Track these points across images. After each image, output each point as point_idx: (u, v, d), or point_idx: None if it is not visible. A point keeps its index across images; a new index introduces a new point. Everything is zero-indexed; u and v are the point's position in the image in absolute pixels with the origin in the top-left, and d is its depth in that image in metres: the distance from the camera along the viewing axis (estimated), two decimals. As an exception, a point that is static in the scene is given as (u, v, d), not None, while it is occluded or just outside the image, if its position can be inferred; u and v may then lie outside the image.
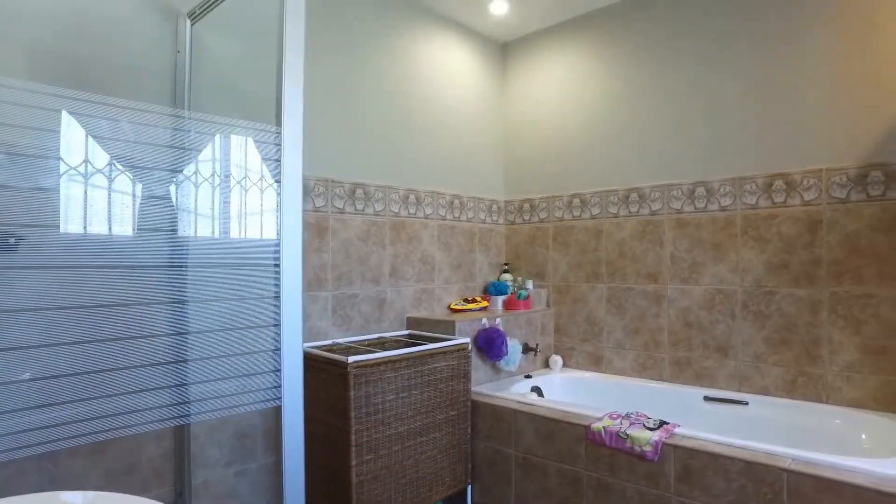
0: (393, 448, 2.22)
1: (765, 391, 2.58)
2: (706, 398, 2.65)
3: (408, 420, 2.28)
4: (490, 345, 2.78)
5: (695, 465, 1.93)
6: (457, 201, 3.29)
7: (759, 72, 2.62)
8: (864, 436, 2.22)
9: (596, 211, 3.18)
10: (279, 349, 1.34)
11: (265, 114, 1.46)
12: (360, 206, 2.76)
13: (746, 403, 2.54)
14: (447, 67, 3.30)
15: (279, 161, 1.35)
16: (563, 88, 3.36)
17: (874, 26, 2.33)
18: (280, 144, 1.34)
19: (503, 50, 3.69)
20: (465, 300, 3.22)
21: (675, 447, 1.98)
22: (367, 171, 2.82)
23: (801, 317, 2.48)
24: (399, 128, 3.00)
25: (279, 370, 1.35)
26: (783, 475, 1.76)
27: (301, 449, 1.39)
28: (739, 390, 2.65)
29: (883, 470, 1.69)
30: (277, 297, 1.33)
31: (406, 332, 2.88)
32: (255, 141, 1.70)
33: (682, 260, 2.84)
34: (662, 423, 2.14)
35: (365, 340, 2.65)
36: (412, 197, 3.02)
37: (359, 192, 2.75)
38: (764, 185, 2.59)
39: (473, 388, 2.74)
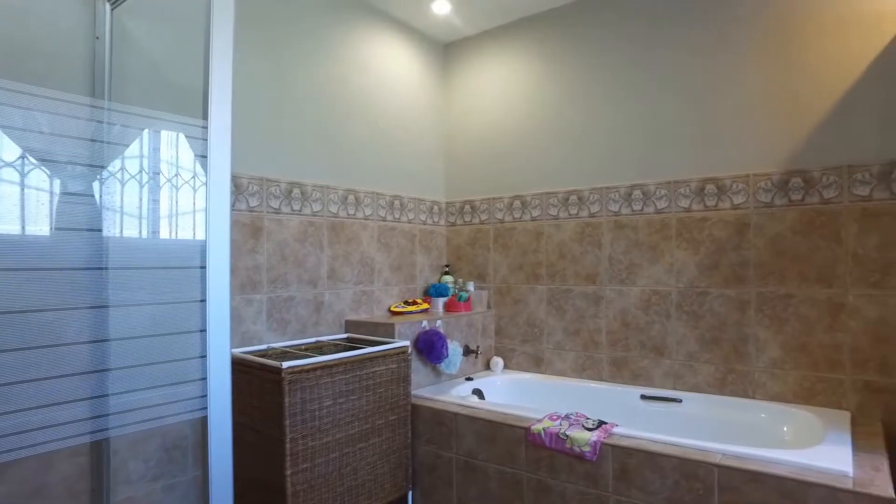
0: (330, 456, 2.15)
1: (697, 388, 2.67)
2: (643, 397, 2.72)
3: (346, 426, 2.21)
4: (430, 347, 2.75)
5: (632, 463, 1.97)
6: (397, 202, 3.25)
7: (693, 80, 2.71)
8: (785, 428, 2.33)
9: (536, 213, 3.21)
10: (206, 356, 1.26)
11: (192, 107, 1.37)
12: (296, 207, 2.67)
13: (680, 401, 2.62)
14: (388, 67, 3.25)
15: (206, 157, 1.26)
16: (504, 90, 3.38)
17: (795, 42, 2.46)
18: (207, 139, 1.25)
19: (445, 51, 3.67)
20: (406, 302, 3.17)
21: (613, 447, 2.01)
22: (304, 170, 2.73)
23: (731, 316, 2.58)
24: (339, 127, 2.93)
25: (206, 378, 1.26)
26: (714, 470, 1.82)
27: (229, 462, 1.31)
28: (674, 388, 2.73)
29: (801, 460, 1.77)
30: (204, 300, 1.24)
31: (345, 335, 2.81)
32: (180, 135, 1.60)
33: (619, 261, 2.91)
34: (601, 422, 2.17)
35: (302, 345, 2.56)
36: (351, 197, 2.95)
37: (296, 191, 2.66)
38: (697, 188, 2.68)
39: (414, 392, 2.70)
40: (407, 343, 2.58)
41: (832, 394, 2.36)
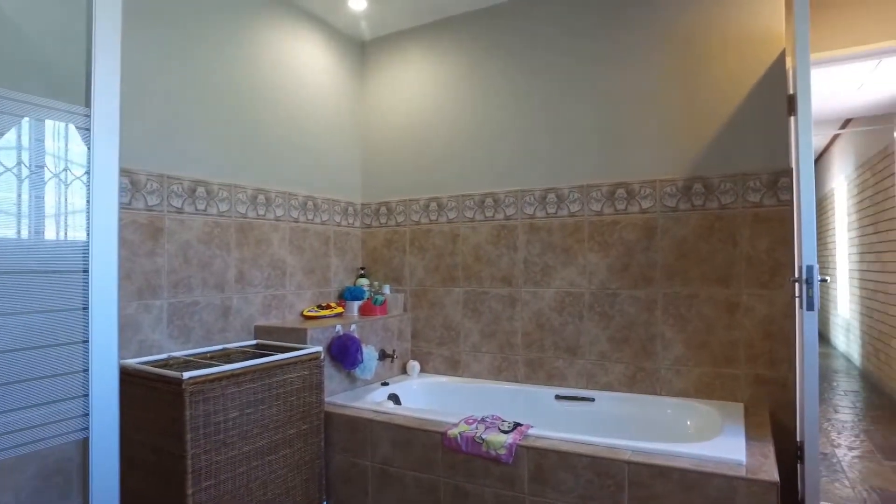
0: (237, 470, 2.02)
1: (609, 387, 2.76)
2: (557, 397, 2.78)
3: (254, 438, 2.09)
4: (344, 353, 2.67)
5: (546, 464, 1.99)
6: (310, 202, 3.14)
7: (605, 88, 2.81)
8: (689, 422, 2.46)
9: (452, 215, 3.20)
10: (87, 370, 1.12)
11: (74, 92, 1.23)
12: (201, 206, 2.51)
13: (593, 400, 2.70)
14: (304, 63, 3.13)
15: (90, 149, 1.13)
16: (421, 91, 3.36)
17: (697, 57, 2.61)
18: (90, 129, 1.12)
19: (363, 48, 3.60)
20: (320, 306, 3.07)
21: (529, 448, 2.03)
22: (210, 167, 2.57)
23: (640, 316, 2.69)
24: (249, 123, 2.78)
25: (87, 395, 1.13)
26: (624, 467, 1.87)
27: (115, 487, 1.18)
28: (587, 387, 2.81)
29: (701, 452, 1.87)
30: (86, 308, 1.11)
31: (254, 342, 2.67)
32: (58, 124, 1.43)
33: (534, 264, 2.96)
34: (517, 424, 2.19)
35: (207, 353, 2.41)
36: (261, 197, 2.82)
37: (200, 190, 2.50)
38: (608, 192, 2.78)
39: (327, 399, 2.61)
40: (320, 349, 2.48)
41: (729, 388, 2.51)
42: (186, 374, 1.84)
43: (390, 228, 3.43)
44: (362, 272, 3.45)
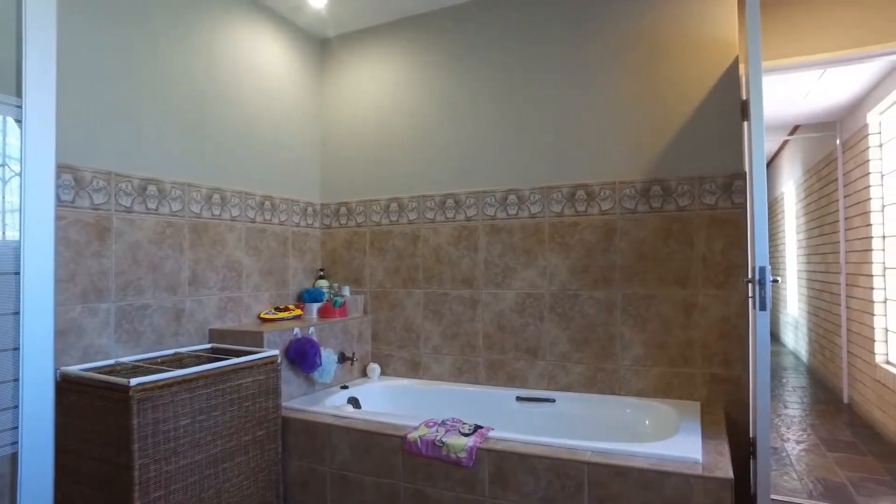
0: (189, 480, 1.95)
1: (570, 388, 2.77)
2: (518, 398, 2.77)
3: (207, 446, 2.02)
4: (302, 356, 2.61)
5: (507, 466, 1.98)
6: (268, 202, 3.06)
7: (566, 90, 2.82)
8: (647, 421, 2.49)
9: (413, 216, 3.17)
10: (18, 379, 1.05)
11: (5, 82, 1.15)
12: (153, 205, 2.41)
13: (554, 401, 2.71)
14: (262, 59, 3.05)
15: (22, 141, 1.05)
16: (382, 90, 3.32)
17: (655, 60, 2.65)
18: (21, 121, 1.05)
19: (323, 46, 3.53)
20: (277, 309, 2.99)
21: (489, 451, 2.01)
22: (163, 165, 2.47)
23: (600, 317, 2.72)
24: (204, 120, 2.69)
25: (17, 407, 1.05)
26: (584, 468, 1.87)
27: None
28: (548, 388, 2.82)
29: (659, 451, 1.89)
30: (17, 313, 1.04)
31: (209, 345, 2.58)
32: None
33: (495, 265, 2.95)
34: (477, 427, 2.17)
35: (158, 358, 2.31)
36: (217, 196, 2.73)
37: (151, 188, 2.40)
38: (568, 194, 2.79)
39: (284, 404, 2.55)
40: (277, 352, 2.42)
41: (686, 387, 2.55)
42: (134, 381, 1.76)
43: (350, 229, 3.38)
44: (321, 274, 3.39)
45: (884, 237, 3.89)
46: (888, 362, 3.78)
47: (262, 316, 2.92)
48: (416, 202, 3.17)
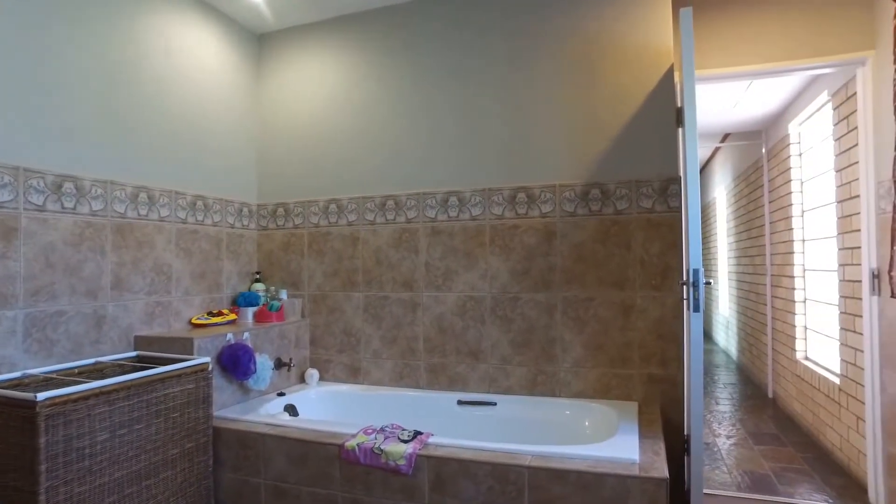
0: (107, 500, 1.81)
1: (511, 390, 2.77)
2: (460, 402, 2.75)
3: (129, 462, 1.89)
4: (235, 362, 2.49)
5: (446, 472, 1.95)
6: (200, 202, 2.91)
7: (506, 93, 2.82)
8: (587, 423, 2.51)
9: (353, 217, 3.10)
10: None
11: None
12: (69, 204, 2.24)
13: (495, 404, 2.70)
14: (194, 52, 2.90)
15: None
16: (322, 89, 3.23)
17: (595, 68, 2.69)
18: None
19: (260, 42, 3.41)
20: (210, 313, 2.86)
21: (429, 457, 1.97)
22: (81, 161, 2.31)
23: (540, 320, 2.73)
24: (130, 114, 2.53)
25: None
26: (524, 472, 1.86)
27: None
28: (489, 391, 2.80)
29: (598, 453, 1.91)
30: None
31: (134, 353, 2.43)
32: None
33: (436, 268, 2.92)
34: (417, 433, 2.13)
35: (74, 368, 2.15)
36: (143, 195, 2.57)
37: (68, 186, 2.24)
38: (509, 196, 2.79)
39: (217, 413, 2.43)
40: (208, 359, 2.30)
41: (624, 387, 2.59)
42: (41, 395, 1.61)
43: (288, 231, 3.27)
44: (258, 277, 3.26)
45: (804, 241, 4.11)
46: (807, 358, 3.98)
47: (193, 321, 2.78)
48: (356, 203, 3.10)
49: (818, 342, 3.82)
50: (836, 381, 3.25)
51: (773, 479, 2.94)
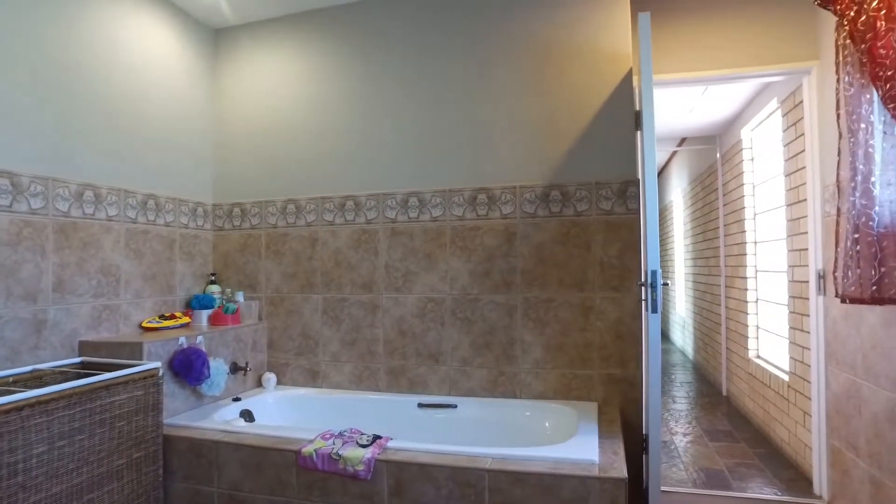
0: (45, 515, 1.71)
1: (471, 392, 2.75)
2: (420, 405, 2.72)
3: (69, 475, 1.79)
4: (188, 367, 2.40)
5: (406, 477, 1.91)
6: (152, 202, 2.80)
7: (468, 94, 2.81)
8: (547, 424, 2.52)
9: (311, 218, 3.04)
10: None
11: None
12: (4, 202, 2.12)
13: (455, 406, 2.68)
14: (143, 46, 2.79)
15: None
16: (281, 86, 3.15)
17: (556, 71, 2.70)
18: None
19: (216, 37, 3.31)
20: (162, 317, 2.75)
21: (388, 462, 1.94)
22: (19, 156, 2.18)
23: (501, 321, 2.72)
24: (75, 107, 2.41)
25: None
26: (485, 475, 1.84)
27: None
28: (450, 394, 2.78)
29: (558, 455, 1.91)
30: None
31: (78, 359, 2.31)
32: None
33: (396, 269, 2.88)
34: (376, 437, 2.09)
35: (10, 377, 2.03)
36: (89, 194, 2.46)
37: (3, 182, 2.11)
38: (470, 197, 2.78)
39: (167, 421, 2.33)
40: (158, 364, 2.21)
41: (584, 388, 2.61)
42: (-29, 406, 1.51)
43: (244, 231, 3.18)
44: (213, 278, 3.16)
45: (755, 243, 4.23)
46: (759, 357, 4.11)
47: (144, 325, 2.67)
48: (315, 204, 3.04)
49: (769, 341, 3.94)
50: (786, 378, 3.35)
51: (727, 475, 3.01)
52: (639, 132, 2.57)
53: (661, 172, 8.79)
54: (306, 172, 3.07)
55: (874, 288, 1.91)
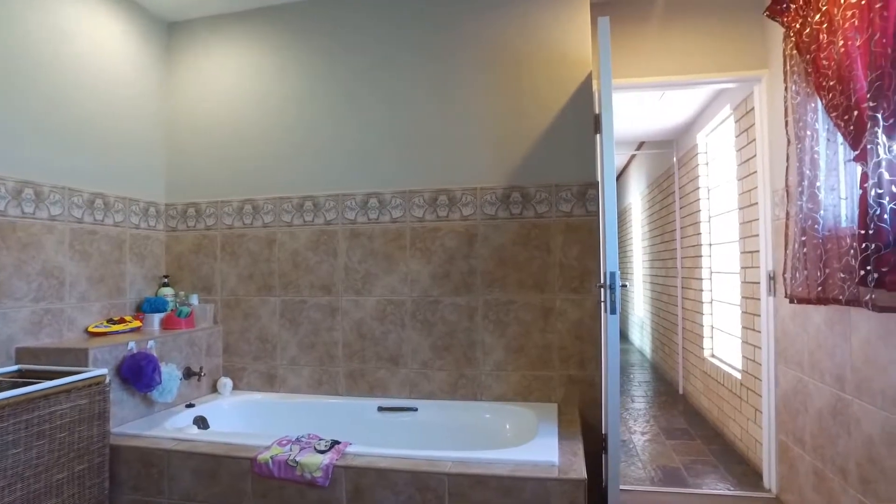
0: (-21, 532, 1.62)
1: (432, 395, 2.73)
2: (380, 408, 2.68)
3: (0, 493, 1.69)
4: (138, 373, 2.31)
5: (365, 483, 1.88)
6: (100, 201, 2.69)
7: (429, 96, 2.80)
8: (507, 426, 2.52)
9: (269, 219, 2.97)
10: None
11: None
12: (-62, 200, 2.00)
13: (416, 409, 2.65)
14: (89, 36, 2.67)
15: None
16: (238, 84, 3.07)
17: (516, 74, 2.71)
18: None
19: (170, 30, 3.20)
20: (111, 321, 2.65)
21: (346, 468, 1.90)
22: (-48, 151, 2.06)
23: (461, 323, 2.71)
24: (11, 99, 2.29)
25: None
26: (445, 479, 1.83)
27: None
28: (410, 397, 2.75)
29: (518, 457, 1.91)
30: None
31: (15, 367, 2.19)
32: None
33: (355, 271, 2.84)
34: (335, 443, 2.05)
35: (-59, 385, 1.91)
36: (29, 191, 2.34)
37: (-64, 179, 1.99)
38: (430, 199, 2.76)
39: (115, 430, 2.24)
40: (105, 371, 2.12)
41: (544, 389, 2.62)
42: None
43: (199, 232, 3.08)
44: (165, 281, 3.05)
45: (710, 245, 4.34)
46: (713, 356, 4.21)
47: (90, 330, 2.56)
48: (273, 204, 2.97)
49: (723, 340, 4.05)
50: (738, 376, 3.44)
51: (684, 472, 3.07)
52: (598, 135, 2.60)
53: (621, 175, 8.95)
54: (264, 172, 3.00)
55: (819, 289, 1.98)
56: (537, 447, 1.99)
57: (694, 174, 4.65)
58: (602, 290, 2.36)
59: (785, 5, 2.27)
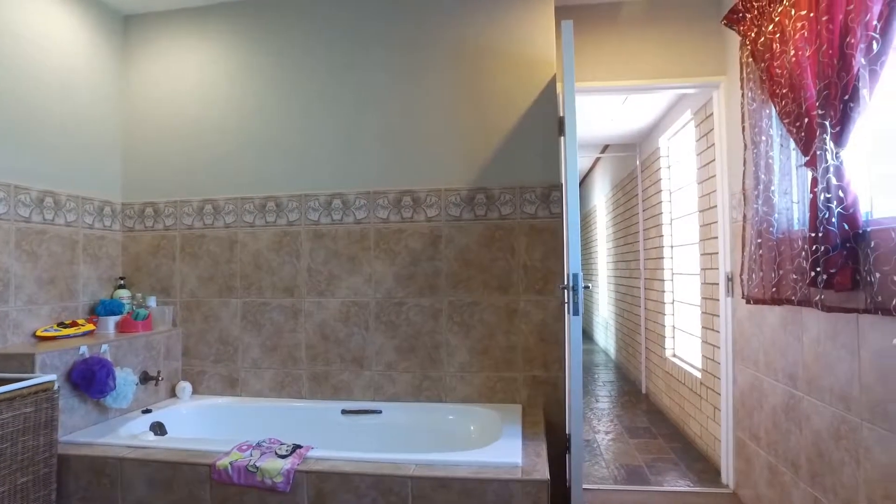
0: (-85, 548, 1.53)
1: (396, 397, 2.71)
2: (344, 411, 2.65)
3: (-55, 502, 1.61)
4: (90, 379, 2.23)
5: (327, 488, 1.85)
6: (50, 199, 2.59)
7: (394, 96, 2.78)
8: (472, 427, 2.51)
9: (230, 219, 2.90)
10: None
11: None
12: None
13: (380, 412, 2.63)
14: (41, 27, 2.57)
15: None
16: (198, 80, 2.99)
17: (481, 75, 2.72)
18: None
19: (125, 23, 3.10)
20: (62, 324, 2.55)
21: (308, 473, 1.87)
22: None
23: (426, 325, 2.70)
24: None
25: None
26: (408, 482, 1.81)
27: None
28: (374, 399, 2.73)
29: (482, 459, 1.91)
30: None
31: (-42, 373, 2.09)
32: None
33: (318, 272, 2.80)
34: (296, 447, 2.01)
35: None
36: (-25, 189, 2.24)
37: None
38: (395, 200, 2.74)
39: (65, 439, 2.16)
40: (54, 377, 2.04)
41: (509, 390, 2.63)
42: None
43: (157, 233, 2.99)
44: (121, 282, 2.96)
45: (672, 247, 4.43)
46: (675, 356, 4.30)
47: (38, 334, 2.46)
48: (234, 204, 2.91)
49: (685, 340, 4.13)
50: (698, 375, 3.52)
51: (646, 470, 3.12)
52: (562, 137, 2.63)
53: (586, 178, 9.07)
54: (225, 171, 2.93)
55: (774, 289, 2.03)
56: (501, 448, 2.00)
57: (656, 177, 4.74)
58: (565, 291, 2.38)
59: (741, 14, 2.33)
